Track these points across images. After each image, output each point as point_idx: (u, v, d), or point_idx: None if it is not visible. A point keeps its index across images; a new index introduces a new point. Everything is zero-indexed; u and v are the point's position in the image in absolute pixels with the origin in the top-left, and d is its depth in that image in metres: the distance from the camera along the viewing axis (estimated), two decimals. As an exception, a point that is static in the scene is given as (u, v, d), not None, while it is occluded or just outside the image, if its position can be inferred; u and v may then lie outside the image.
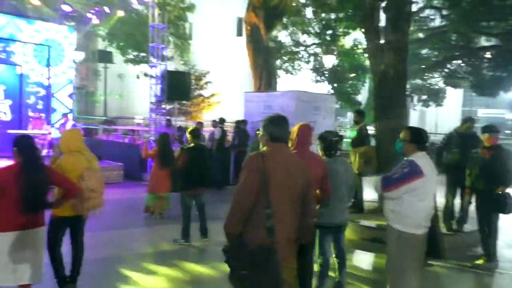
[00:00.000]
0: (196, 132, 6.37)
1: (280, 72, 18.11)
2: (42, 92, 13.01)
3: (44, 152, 10.67)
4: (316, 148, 4.18)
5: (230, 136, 11.53)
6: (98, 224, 5.62)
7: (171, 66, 13.48)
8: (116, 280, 4.68)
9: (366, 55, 15.76)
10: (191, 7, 19.15)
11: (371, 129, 8.81)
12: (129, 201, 8.91)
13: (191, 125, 12.73)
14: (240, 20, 23.39)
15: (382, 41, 7.48)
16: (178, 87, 10.76)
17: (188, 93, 11.49)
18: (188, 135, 6.28)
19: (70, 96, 13.75)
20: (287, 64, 18.55)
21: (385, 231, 3.53)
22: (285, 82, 18.64)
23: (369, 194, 7.51)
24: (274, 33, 16.97)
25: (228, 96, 20.79)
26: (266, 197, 2.50)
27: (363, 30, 8.47)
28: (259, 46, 15.15)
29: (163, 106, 11.69)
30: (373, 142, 7.93)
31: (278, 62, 17.76)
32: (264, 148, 2.69)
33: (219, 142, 10.65)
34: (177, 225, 6.69)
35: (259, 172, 2.51)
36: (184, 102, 16.06)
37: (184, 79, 11.14)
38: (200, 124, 12.33)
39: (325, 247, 4.04)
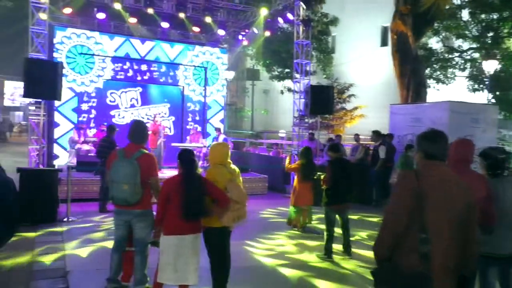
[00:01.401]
0: (337, 147, 6.29)
1: (430, 82, 16.79)
2: (199, 109, 14.50)
3: (200, 163, 11.80)
4: (475, 166, 3.69)
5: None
6: (242, 233, 5.92)
7: (314, 80, 13.66)
8: (261, 289, 4.85)
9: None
10: (334, 21, 19.21)
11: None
12: (272, 212, 9.22)
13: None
14: (385, 30, 22.49)
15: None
16: (321, 101, 10.79)
17: (330, 106, 11.44)
18: (328, 150, 6.26)
19: (222, 112, 14.98)
20: (438, 73, 17.11)
21: None
22: (435, 92, 17.19)
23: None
24: (423, 40, 15.88)
25: (371, 109, 20.09)
26: (421, 220, 2.29)
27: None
28: (406, 55, 14.34)
29: (306, 120, 11.85)
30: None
31: (428, 71, 16.52)
32: (419, 167, 2.47)
33: (375, 158, 10.23)
34: (318, 239, 6.68)
35: (413, 193, 2.31)
36: (327, 115, 16.07)
37: (327, 93, 11.13)
38: (338, 137, 12.13)
39: (489, 280, 3.51)
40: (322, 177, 6.09)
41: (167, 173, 10.12)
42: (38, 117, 8.78)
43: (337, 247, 6.15)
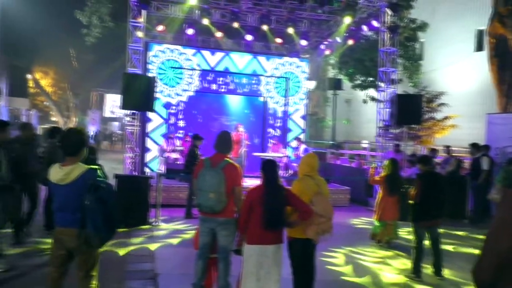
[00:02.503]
0: (427, 159, 5.94)
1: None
2: (280, 119, 14.63)
3: (280, 173, 11.82)
4: None
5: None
6: (324, 246, 5.77)
7: (400, 89, 13.05)
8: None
9: None
10: (423, 26, 18.21)
11: None
12: (355, 226, 8.93)
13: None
14: (480, 33, 20.84)
15: None
16: (408, 111, 10.27)
17: (419, 116, 10.82)
18: (418, 163, 5.94)
19: (303, 122, 14.94)
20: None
21: None
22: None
23: None
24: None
25: (465, 118, 18.65)
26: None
27: None
28: (506, 59, 13.16)
29: (391, 130, 11.34)
30: None
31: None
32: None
33: (476, 171, 9.45)
34: (405, 256, 6.31)
35: (521, 213, 2.08)
36: (414, 126, 15.24)
37: (415, 102, 10.57)
38: (433, 151, 11.36)
39: None
40: (410, 190, 5.76)
41: (249, 182, 10.30)
42: (133, 127, 9.48)
43: (426, 265, 5.75)
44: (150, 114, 12.82)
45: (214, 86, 13.99)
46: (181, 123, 13.73)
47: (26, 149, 5.90)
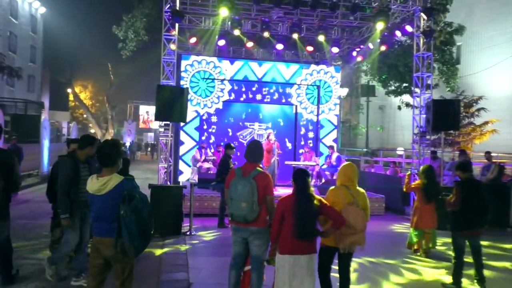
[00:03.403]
0: (466, 165, 5.73)
1: None
2: (312, 127, 14.52)
3: (312, 182, 11.72)
4: None
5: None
6: (359, 254, 5.64)
7: (436, 94, 12.66)
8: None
9: None
10: (459, 29, 17.66)
11: None
12: (390, 234, 8.70)
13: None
14: (521, 35, 20.02)
15: None
16: (445, 117, 9.93)
17: (457, 122, 10.42)
18: (456, 170, 5.73)
19: (336, 118, 14.75)
20: None
21: None
22: None
23: None
24: None
25: (505, 123, 17.91)
26: None
27: None
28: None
29: (427, 137, 11.01)
30: None
31: None
32: None
33: None
34: (444, 267, 6.09)
35: None
36: (451, 132, 14.76)
37: (452, 107, 10.20)
38: (463, 154, 10.97)
39: None
40: (449, 198, 5.56)
41: (281, 191, 10.26)
42: (167, 137, 9.66)
43: (467, 276, 5.51)
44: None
45: (244, 96, 14.09)
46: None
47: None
